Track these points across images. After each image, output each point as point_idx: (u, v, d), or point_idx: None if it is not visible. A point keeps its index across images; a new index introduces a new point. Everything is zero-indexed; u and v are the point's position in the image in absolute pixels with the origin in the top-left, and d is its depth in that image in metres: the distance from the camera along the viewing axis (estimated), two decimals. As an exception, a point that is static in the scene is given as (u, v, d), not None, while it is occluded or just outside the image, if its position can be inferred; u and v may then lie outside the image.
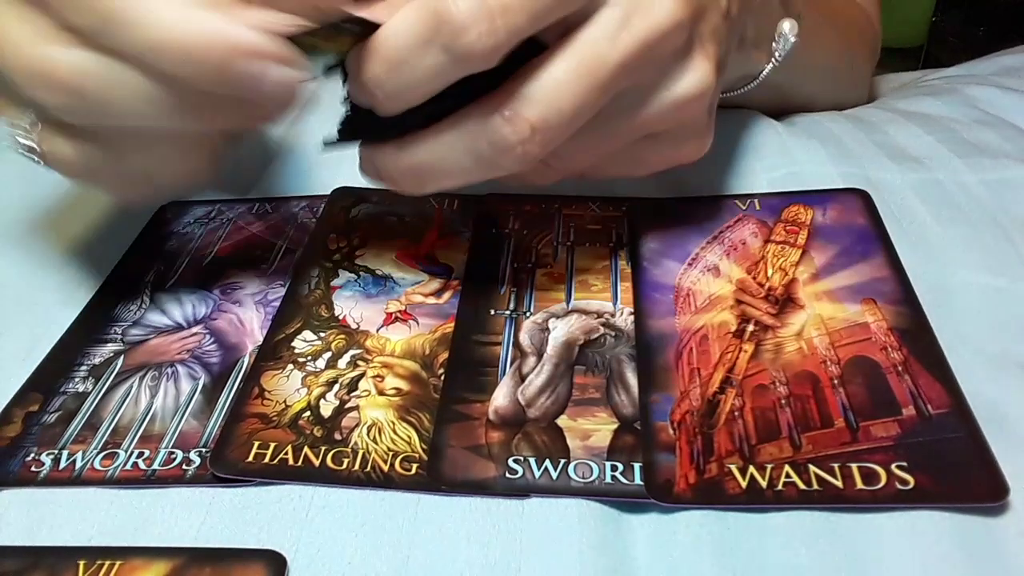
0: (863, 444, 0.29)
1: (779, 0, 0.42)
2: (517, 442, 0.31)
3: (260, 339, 0.36)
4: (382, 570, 0.27)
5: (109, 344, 0.37)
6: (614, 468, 0.30)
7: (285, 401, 0.33)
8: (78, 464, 0.31)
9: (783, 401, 0.31)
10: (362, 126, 0.32)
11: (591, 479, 0.29)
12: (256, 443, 0.31)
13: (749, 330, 0.34)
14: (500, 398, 0.33)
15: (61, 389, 0.34)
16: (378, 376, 0.34)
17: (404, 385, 0.34)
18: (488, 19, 0.27)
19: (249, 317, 0.38)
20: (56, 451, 0.32)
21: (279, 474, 0.30)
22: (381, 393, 0.33)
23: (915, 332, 0.33)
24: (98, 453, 0.31)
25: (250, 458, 0.31)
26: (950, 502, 0.27)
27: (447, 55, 0.27)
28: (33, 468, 0.31)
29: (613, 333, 0.35)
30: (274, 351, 0.35)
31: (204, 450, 0.31)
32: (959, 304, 0.35)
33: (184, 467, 0.31)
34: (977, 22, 0.98)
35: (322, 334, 0.36)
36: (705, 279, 0.37)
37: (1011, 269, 0.36)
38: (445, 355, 0.35)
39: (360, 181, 0.34)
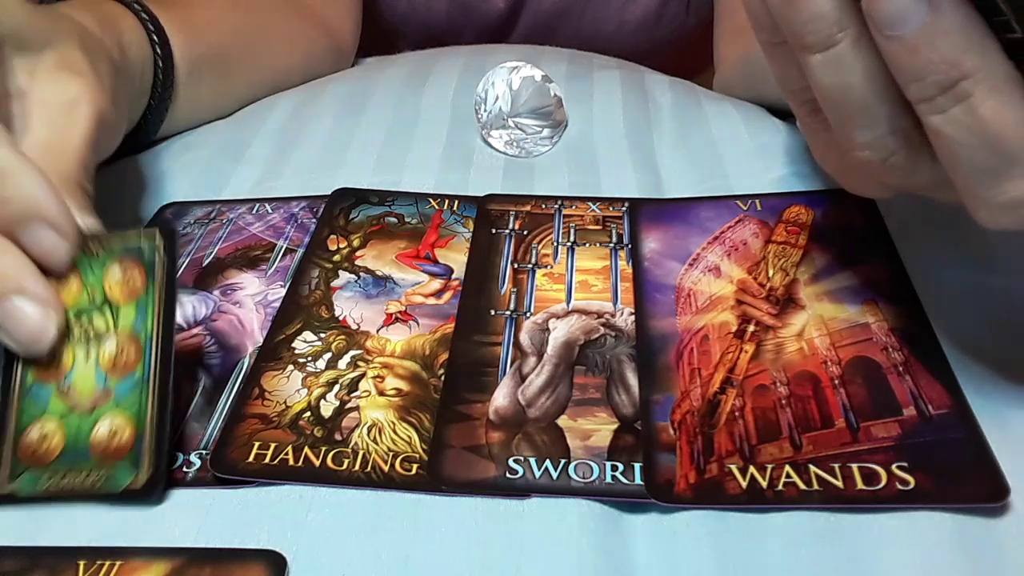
0: (864, 444, 0.29)
1: None
2: (517, 442, 0.31)
3: (260, 340, 0.36)
4: (382, 570, 0.27)
5: (109, 345, 0.37)
6: (614, 468, 0.30)
7: (285, 402, 0.33)
8: (78, 465, 0.31)
9: (783, 401, 0.31)
10: None
11: (591, 479, 0.29)
12: (256, 444, 0.31)
13: (750, 330, 0.34)
14: (500, 398, 0.33)
15: None
16: (378, 377, 0.34)
17: (404, 385, 0.34)
18: None
19: (249, 318, 0.38)
20: (56, 452, 0.32)
21: (279, 474, 0.30)
22: (381, 393, 0.33)
23: (916, 333, 0.33)
24: (98, 454, 0.32)
25: (250, 459, 0.31)
26: (951, 503, 0.27)
27: None
28: (33, 469, 0.31)
29: (613, 333, 0.35)
30: (274, 352, 0.35)
31: (205, 452, 0.31)
32: (960, 305, 0.35)
33: (185, 469, 0.31)
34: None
35: (322, 335, 0.36)
36: (706, 279, 0.37)
37: (1012, 269, 0.36)
38: (445, 355, 0.35)
39: (360, 182, 0.34)
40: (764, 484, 0.28)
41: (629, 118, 0.50)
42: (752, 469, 0.29)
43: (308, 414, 0.32)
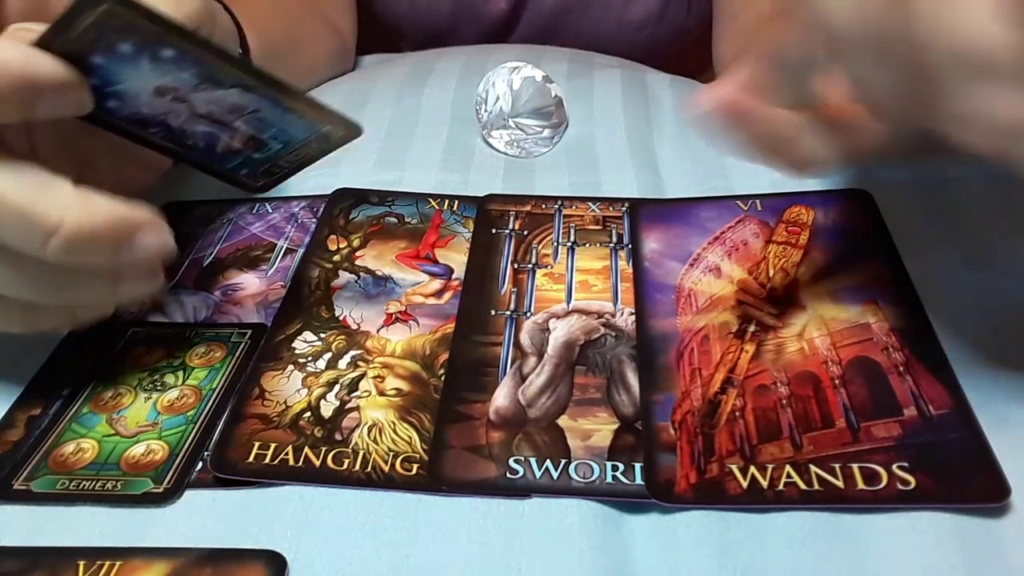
0: (864, 444, 0.29)
1: None
2: (518, 442, 0.31)
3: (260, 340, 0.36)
4: (382, 570, 0.27)
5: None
6: (615, 468, 0.30)
7: (285, 402, 0.33)
8: (78, 465, 0.31)
9: (784, 401, 0.31)
10: None
11: (592, 479, 0.29)
12: (257, 444, 0.31)
13: (750, 330, 0.34)
14: (501, 398, 0.33)
15: (63, 392, 0.34)
16: (378, 377, 0.34)
17: (404, 385, 0.34)
18: None
19: (250, 318, 0.38)
20: (57, 452, 0.32)
21: (280, 474, 0.30)
22: (382, 393, 0.33)
23: (916, 333, 0.33)
24: (98, 454, 0.32)
25: (251, 459, 0.30)
26: (951, 503, 0.27)
27: None
28: (33, 469, 0.31)
29: (614, 333, 0.35)
30: (275, 352, 0.35)
31: (205, 452, 0.31)
32: (961, 305, 0.35)
33: (184, 468, 0.31)
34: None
35: (322, 335, 0.36)
36: (707, 279, 0.37)
37: (1012, 269, 0.36)
38: (445, 355, 0.35)
39: (360, 182, 0.34)
40: (765, 484, 0.28)
41: (630, 118, 0.50)
42: (753, 469, 0.29)
43: (308, 414, 0.32)
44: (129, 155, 0.31)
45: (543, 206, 0.43)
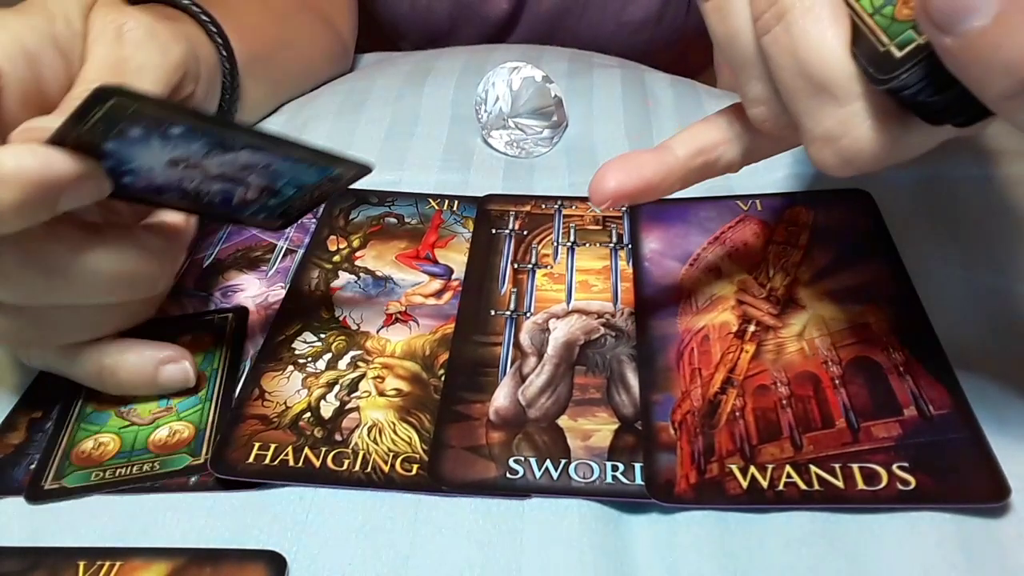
0: (864, 444, 0.29)
1: None
2: (518, 442, 0.31)
3: (260, 341, 0.36)
4: (382, 570, 0.27)
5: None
6: (615, 468, 0.30)
7: (285, 402, 0.33)
8: (79, 465, 0.31)
9: (784, 401, 0.31)
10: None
11: (592, 479, 0.29)
12: (257, 444, 0.31)
13: (750, 330, 0.34)
14: (501, 398, 0.33)
15: (64, 394, 0.34)
16: (378, 377, 0.34)
17: (404, 386, 0.34)
18: None
19: (250, 319, 0.38)
20: (57, 452, 0.32)
21: (280, 475, 0.30)
22: (381, 394, 0.33)
23: (916, 333, 0.33)
24: (99, 454, 0.32)
25: (251, 459, 0.31)
26: (951, 503, 0.27)
27: None
28: (34, 469, 0.31)
29: (614, 333, 0.35)
30: (274, 352, 0.35)
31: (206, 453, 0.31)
32: (960, 305, 0.35)
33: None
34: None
35: (322, 335, 0.36)
36: (706, 279, 0.37)
37: (1012, 269, 0.36)
38: (445, 356, 0.35)
39: (360, 182, 0.34)
40: (765, 484, 0.28)
41: (629, 118, 0.50)
42: (753, 469, 0.29)
43: (308, 415, 0.32)
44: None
45: (543, 206, 0.43)
